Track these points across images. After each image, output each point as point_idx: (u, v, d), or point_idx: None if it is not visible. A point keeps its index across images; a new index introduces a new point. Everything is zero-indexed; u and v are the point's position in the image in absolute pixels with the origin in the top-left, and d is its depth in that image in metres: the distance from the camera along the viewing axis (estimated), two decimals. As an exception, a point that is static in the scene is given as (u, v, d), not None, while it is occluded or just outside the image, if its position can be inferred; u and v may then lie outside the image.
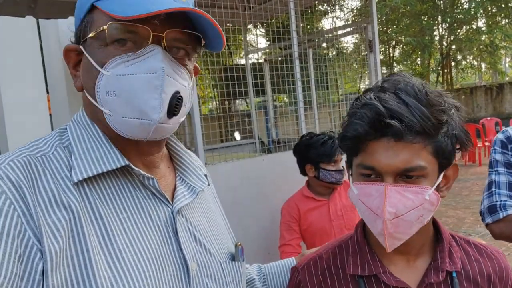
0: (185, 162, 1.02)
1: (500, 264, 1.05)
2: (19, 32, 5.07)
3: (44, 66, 5.46)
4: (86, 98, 0.86)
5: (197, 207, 1.00)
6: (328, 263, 1.09)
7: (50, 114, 5.62)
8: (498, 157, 1.76)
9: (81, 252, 0.75)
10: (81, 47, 0.85)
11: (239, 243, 1.07)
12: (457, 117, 0.96)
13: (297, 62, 3.11)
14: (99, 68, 0.81)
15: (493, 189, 1.76)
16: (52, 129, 5.69)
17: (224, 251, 1.01)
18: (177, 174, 0.99)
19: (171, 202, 0.91)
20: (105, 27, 0.80)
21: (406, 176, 0.91)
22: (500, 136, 1.78)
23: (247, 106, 4.68)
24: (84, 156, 0.83)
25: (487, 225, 1.76)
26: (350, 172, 1.03)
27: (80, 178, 0.80)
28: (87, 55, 0.84)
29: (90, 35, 0.83)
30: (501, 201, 1.70)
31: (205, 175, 1.07)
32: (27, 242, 0.71)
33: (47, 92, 5.59)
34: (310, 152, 2.59)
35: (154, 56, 0.79)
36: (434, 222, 1.06)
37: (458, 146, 0.97)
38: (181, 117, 0.86)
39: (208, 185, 1.08)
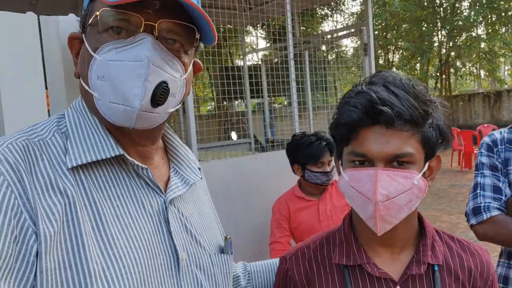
0: (180, 154, 1.04)
1: (482, 260, 1.08)
2: (20, 28, 5.11)
3: (43, 62, 5.49)
4: (80, 84, 0.89)
5: (189, 199, 1.01)
6: (315, 253, 1.13)
7: (48, 110, 5.65)
8: (484, 160, 1.79)
9: (74, 237, 0.76)
10: (83, 35, 0.88)
11: (229, 236, 1.09)
12: (440, 111, 1.02)
13: (292, 63, 3.15)
14: (92, 53, 0.82)
15: (478, 191, 1.79)
16: (50, 125, 5.69)
17: (214, 243, 1.03)
18: (171, 166, 1.01)
19: (164, 193, 0.93)
20: (97, 13, 0.82)
21: (396, 162, 0.95)
22: (486, 139, 1.82)
23: (245, 107, 4.71)
24: (80, 143, 0.85)
25: (471, 226, 1.79)
26: (340, 163, 1.06)
27: (74, 164, 0.81)
28: (85, 41, 0.86)
29: (89, 22, 0.85)
30: (485, 202, 1.72)
31: (199, 168, 1.09)
32: (23, 224, 0.72)
33: (46, 88, 5.61)
34: (298, 153, 2.62)
35: (143, 44, 0.80)
36: (419, 217, 1.10)
37: (441, 140, 1.02)
38: (169, 107, 0.87)
39: (201, 178, 1.10)
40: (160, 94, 0.82)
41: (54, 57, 5.47)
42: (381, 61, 18.69)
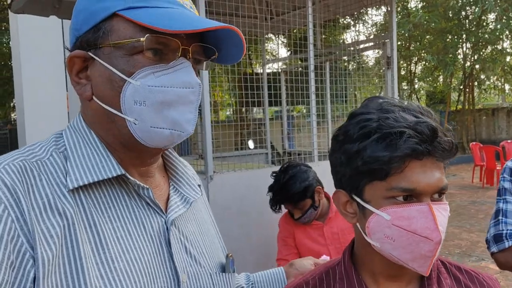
0: (179, 171, 1.02)
1: None
2: (45, 32, 5.19)
3: (65, 65, 5.54)
4: (95, 106, 0.85)
5: (190, 217, 0.99)
6: None
7: (68, 112, 5.72)
8: (507, 185, 1.74)
9: (73, 260, 0.75)
10: (90, 54, 0.83)
11: (230, 254, 1.07)
12: None
13: (312, 75, 3.10)
14: (125, 78, 0.80)
15: (500, 217, 1.74)
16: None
17: (215, 262, 1.00)
18: (171, 184, 0.99)
19: (165, 212, 0.91)
20: (142, 39, 0.79)
21: (437, 195, 0.89)
22: (509, 163, 1.76)
23: (263, 115, 4.68)
24: (79, 163, 0.83)
25: (492, 254, 1.74)
26: (357, 199, 0.94)
27: (76, 185, 0.79)
28: (104, 63, 0.82)
29: (111, 43, 0.81)
30: (507, 230, 1.68)
31: (199, 185, 1.06)
32: (20, 248, 0.71)
33: (67, 90, 5.69)
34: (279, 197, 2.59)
35: (186, 69, 0.82)
36: None
37: None
38: None
39: (201, 195, 1.08)
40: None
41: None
42: (403, 72, 18.52)
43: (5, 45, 11.44)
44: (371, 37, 13.29)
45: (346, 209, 0.99)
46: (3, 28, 11.63)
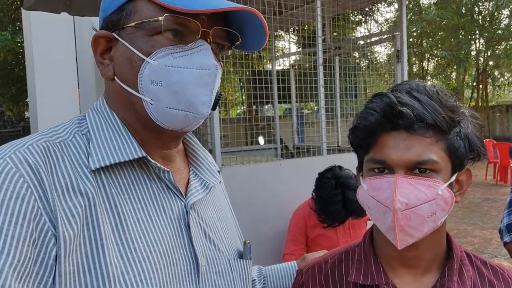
0: (199, 157, 1.02)
1: None
2: (57, 30, 5.24)
3: (77, 62, 5.62)
4: (117, 86, 0.86)
5: (209, 203, 1.00)
6: (332, 269, 1.07)
7: (80, 108, 5.78)
8: None
9: (94, 240, 0.75)
10: (114, 34, 0.85)
11: (248, 241, 1.07)
12: (469, 122, 0.95)
13: (321, 69, 3.08)
14: (143, 57, 0.81)
15: None
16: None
17: (233, 248, 1.01)
18: (191, 169, 0.99)
19: (184, 196, 0.91)
20: (161, 18, 0.80)
21: (418, 169, 0.89)
22: None
23: (274, 112, 4.69)
24: (102, 145, 0.84)
25: (505, 243, 1.71)
26: (361, 173, 1.01)
27: (98, 166, 0.80)
28: (126, 43, 0.83)
29: (132, 24, 0.82)
30: None
31: (218, 171, 1.07)
32: (42, 227, 0.71)
33: (78, 87, 5.75)
34: (319, 203, 2.51)
35: (205, 52, 0.81)
36: (448, 238, 1.02)
37: (471, 153, 0.95)
38: None
39: (220, 182, 1.08)
40: (216, 101, 0.87)
41: (86, 56, 5.60)
42: (415, 69, 18.36)
43: (19, 44, 11.59)
44: (381, 31, 13.18)
45: (360, 183, 1.03)
46: (17, 27, 11.78)
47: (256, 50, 0.93)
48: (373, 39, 4.04)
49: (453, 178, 0.93)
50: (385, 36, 3.87)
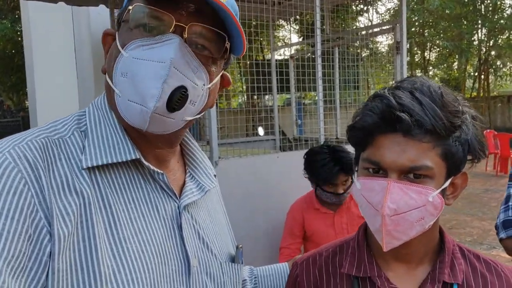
0: (197, 159, 1.02)
1: (510, 284, 0.99)
2: (55, 19, 5.23)
3: (75, 52, 5.61)
4: (106, 81, 0.87)
5: (203, 206, 0.99)
6: (326, 261, 1.09)
7: (78, 99, 5.77)
8: None
9: (87, 238, 0.76)
10: (116, 32, 0.87)
11: (240, 246, 1.08)
12: (471, 125, 0.93)
13: (319, 61, 3.06)
14: (120, 49, 0.81)
15: (510, 203, 1.72)
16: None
17: (225, 252, 1.01)
18: (188, 171, 0.99)
19: (178, 198, 0.91)
20: (130, 7, 0.81)
21: (412, 175, 0.89)
22: None
23: (273, 102, 4.68)
24: (97, 143, 0.84)
25: (500, 239, 1.72)
26: (356, 168, 1.01)
27: (90, 165, 0.80)
28: (116, 37, 0.84)
29: (122, 18, 0.85)
30: None
31: (214, 175, 1.07)
32: (38, 223, 0.72)
33: (77, 77, 5.75)
34: (311, 170, 2.52)
35: (169, 45, 0.78)
36: (441, 232, 1.03)
37: (470, 157, 0.94)
38: (186, 115, 0.84)
39: (215, 186, 1.08)
40: (177, 99, 0.79)
41: (84, 47, 5.59)
42: (417, 59, 18.29)
43: (18, 33, 11.55)
44: (382, 21, 13.10)
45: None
46: (16, 16, 11.73)
47: (238, 55, 0.90)
48: (373, 30, 4.01)
49: (447, 183, 0.92)
50: (386, 27, 3.84)
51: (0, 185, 0.70)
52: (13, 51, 12.50)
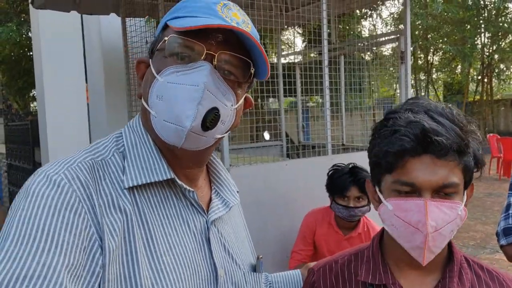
0: (221, 177, 1.11)
1: None
2: (65, 24, 5.28)
3: (85, 58, 5.67)
4: (142, 104, 0.96)
5: (227, 220, 1.08)
6: (342, 268, 1.15)
7: (88, 103, 5.83)
8: None
9: (130, 252, 0.84)
10: (149, 60, 0.95)
11: (260, 256, 1.16)
12: (476, 139, 1.02)
13: (326, 71, 3.13)
14: (155, 74, 0.90)
15: (511, 211, 1.76)
16: (89, 117, 5.82)
17: (247, 263, 1.10)
18: (213, 188, 1.08)
19: (206, 213, 1.00)
20: (166, 38, 0.90)
21: (442, 192, 0.96)
22: None
23: (279, 106, 4.71)
24: (136, 164, 0.92)
25: (501, 246, 1.77)
26: (376, 189, 1.07)
27: (131, 185, 0.89)
28: (151, 65, 0.93)
29: (157, 47, 0.93)
30: None
31: (237, 191, 1.16)
32: (91, 237, 0.79)
33: (86, 82, 5.80)
34: (329, 183, 2.64)
35: (201, 71, 0.86)
36: (449, 242, 1.09)
37: (476, 169, 1.02)
38: (217, 133, 0.92)
39: (238, 202, 1.17)
40: (211, 119, 0.88)
41: (94, 54, 5.66)
42: (420, 63, 18.28)
43: (24, 36, 11.58)
44: (387, 30, 13.11)
45: (373, 197, 1.09)
46: (22, 19, 11.76)
47: (262, 79, 0.98)
48: (376, 40, 4.06)
49: (465, 196, 1.01)
50: (390, 37, 3.89)
51: (59, 202, 0.79)
52: (19, 55, 12.52)
